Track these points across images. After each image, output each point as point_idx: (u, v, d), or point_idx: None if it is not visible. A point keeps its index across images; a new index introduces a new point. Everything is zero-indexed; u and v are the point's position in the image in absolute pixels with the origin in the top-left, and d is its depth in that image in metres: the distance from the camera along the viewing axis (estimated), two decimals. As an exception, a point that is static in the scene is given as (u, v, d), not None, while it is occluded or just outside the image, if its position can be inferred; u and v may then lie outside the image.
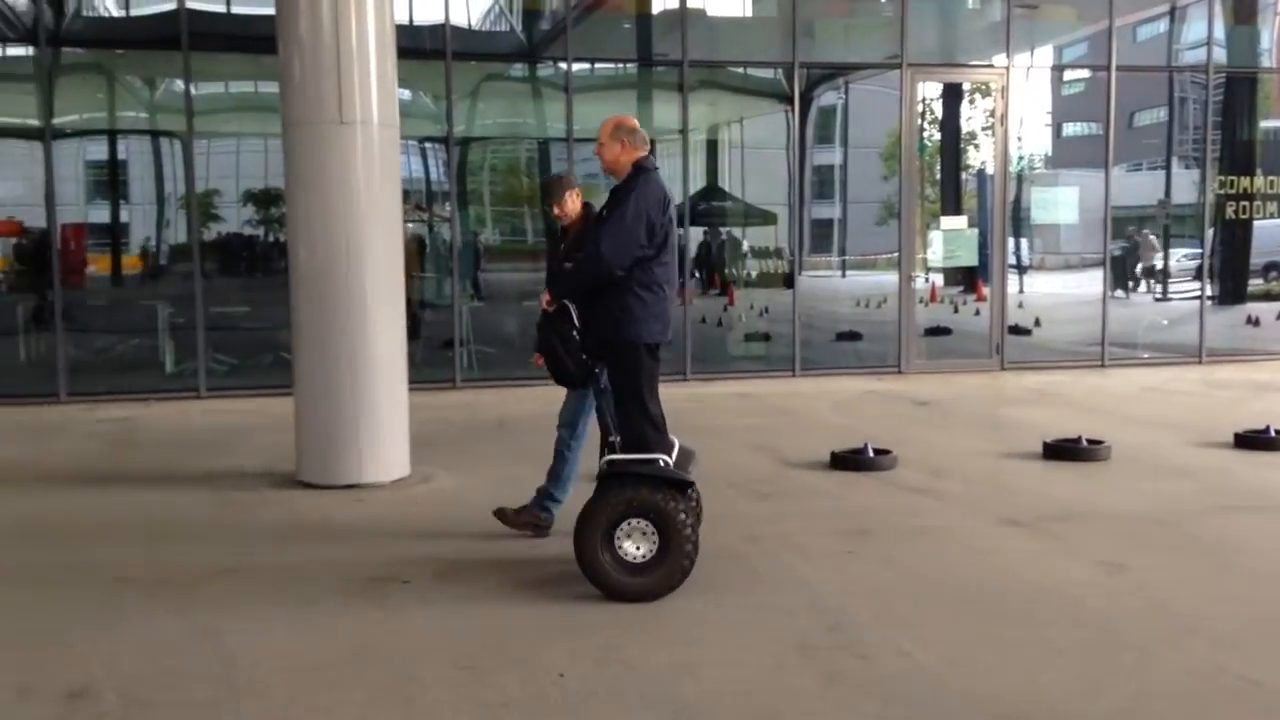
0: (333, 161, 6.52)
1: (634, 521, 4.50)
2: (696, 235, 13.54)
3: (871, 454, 7.05)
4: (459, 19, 11.18)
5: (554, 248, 5.93)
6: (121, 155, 13.54)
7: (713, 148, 14.30)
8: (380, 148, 6.64)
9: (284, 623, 4.30)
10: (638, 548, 4.51)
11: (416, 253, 11.73)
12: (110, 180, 13.42)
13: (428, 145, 12.22)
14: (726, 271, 14.06)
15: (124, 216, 13.87)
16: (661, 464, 4.59)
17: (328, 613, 4.42)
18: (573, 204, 5.51)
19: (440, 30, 10.66)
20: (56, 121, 10.24)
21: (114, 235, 13.47)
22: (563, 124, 11.04)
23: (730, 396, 10.24)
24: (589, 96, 11.69)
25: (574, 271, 4.80)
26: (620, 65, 12.82)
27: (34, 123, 10.22)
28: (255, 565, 5.08)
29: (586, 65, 11.90)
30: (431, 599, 4.59)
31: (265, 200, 13.21)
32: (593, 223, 5.05)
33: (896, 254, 11.90)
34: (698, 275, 13.52)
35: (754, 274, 13.78)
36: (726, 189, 14.30)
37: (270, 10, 6.68)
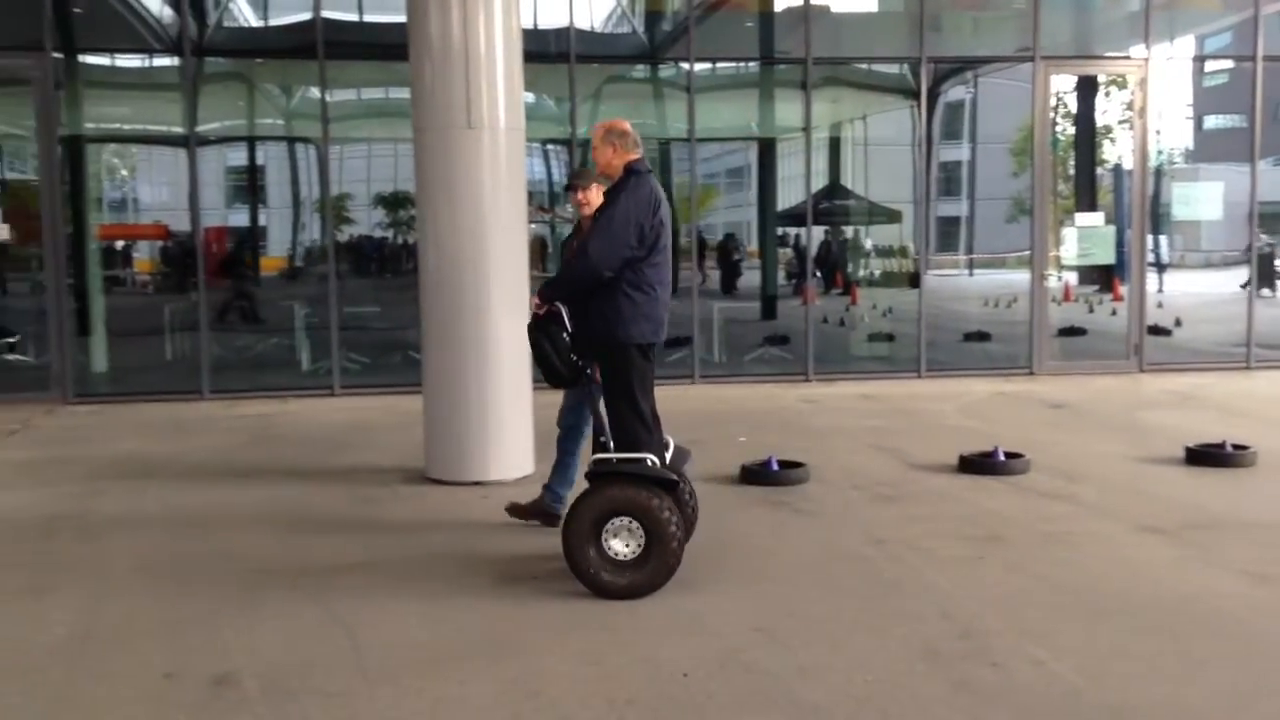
0: (460, 165, 6.65)
1: (621, 520, 4.52)
2: (818, 235, 13.40)
3: (1002, 457, 6.87)
4: (582, 22, 11.30)
5: (572, 240, 5.91)
6: (260, 161, 14.10)
7: (835, 145, 14.14)
8: (506, 151, 6.76)
9: (416, 615, 4.41)
10: (625, 545, 4.54)
11: (539, 253, 11.90)
12: (249, 185, 13.98)
13: (552, 147, 12.38)
14: (849, 271, 13.89)
15: (262, 220, 14.44)
16: (649, 463, 4.60)
17: (457, 606, 4.52)
18: (597, 196, 5.42)
19: (564, 34, 10.78)
20: (200, 129, 10.67)
21: (253, 238, 14.02)
22: (684, 124, 11.05)
23: (852, 397, 10.10)
24: (711, 96, 11.68)
25: (564, 273, 4.86)
26: (742, 64, 12.77)
27: (179, 130, 10.71)
28: (388, 559, 5.22)
29: (708, 65, 11.88)
30: (558, 595, 4.64)
31: (395, 203, 13.58)
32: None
33: (1028, 252, 11.57)
34: (819, 275, 13.38)
35: (878, 273, 13.58)
36: (849, 187, 14.13)
37: (402, 18, 6.85)
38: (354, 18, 11.31)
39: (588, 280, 4.66)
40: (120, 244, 13.75)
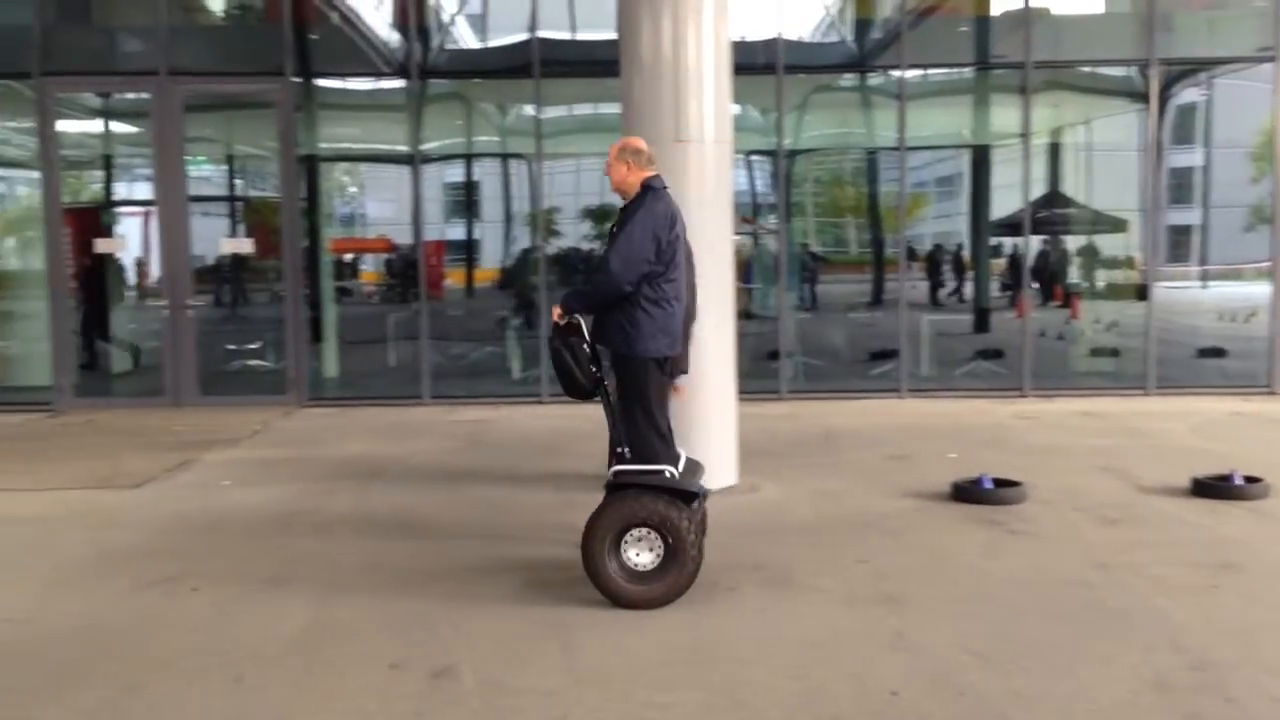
0: (667, 178, 6.71)
1: (640, 531, 4.55)
2: (1036, 245, 12.87)
3: (1240, 481, 6.41)
4: (791, 32, 11.26)
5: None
6: (476, 177, 14.68)
7: (1055, 151, 13.56)
8: (714, 163, 6.80)
9: (623, 620, 4.48)
10: (645, 556, 4.57)
11: (743, 264, 11.91)
12: (466, 200, 14.57)
13: (758, 158, 12.38)
14: (1069, 282, 13.28)
15: (476, 233, 15.01)
16: (668, 475, 4.64)
17: (663, 613, 4.56)
18: None
19: (772, 44, 10.77)
20: (423, 147, 11.21)
21: (468, 250, 14.61)
22: (894, 132, 10.85)
23: (1073, 414, 9.64)
24: (923, 103, 11.41)
25: (586, 287, 4.93)
26: (956, 70, 12.43)
27: (403, 149, 11.29)
28: (594, 563, 5.32)
29: (920, 71, 11.63)
30: (762, 607, 4.64)
31: (602, 216, 13.85)
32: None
33: (1268, 263, 10.77)
34: (1035, 286, 12.85)
35: (1101, 284, 12.92)
36: (1071, 195, 13.51)
37: (612, 34, 7.00)
38: (567, 36, 11.63)
39: (609, 294, 4.76)
40: (349, 256, 14.60)
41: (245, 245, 12.02)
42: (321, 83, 11.73)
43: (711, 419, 6.82)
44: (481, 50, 12.32)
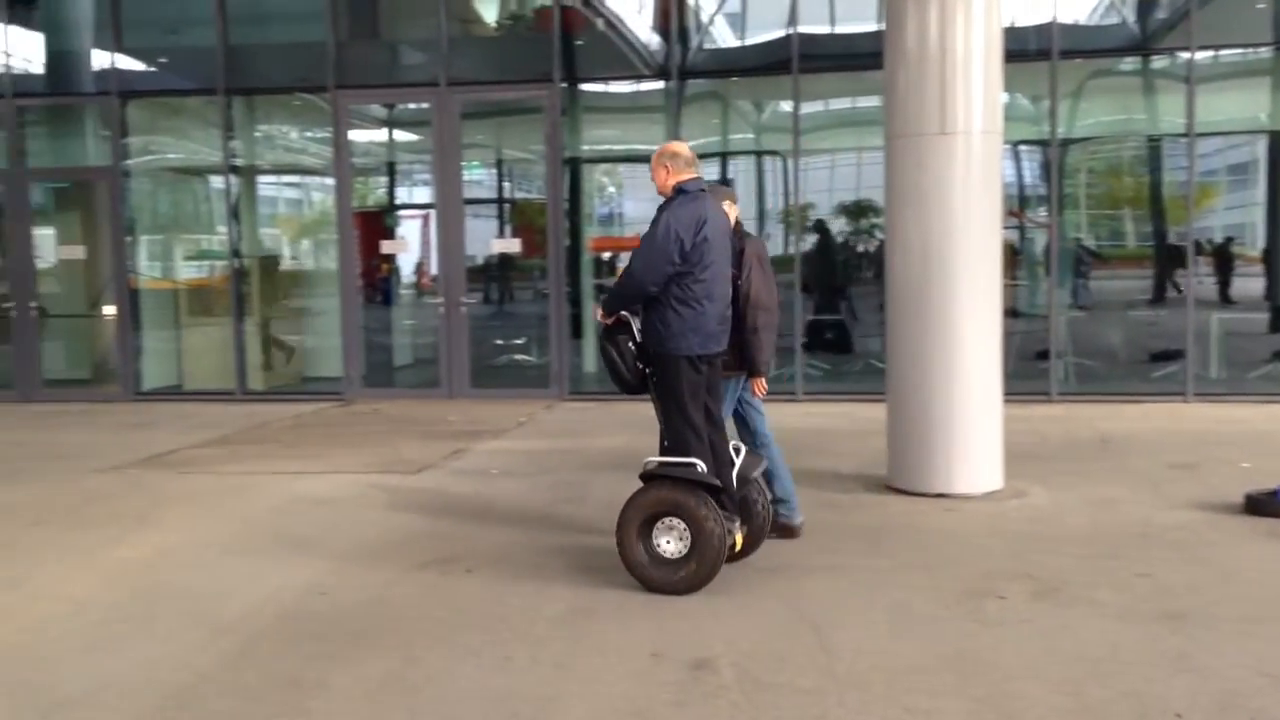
0: (932, 172, 6.55)
1: (670, 520, 4.76)
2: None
3: None
4: (1066, 15, 10.69)
5: None
6: (730, 174, 14.74)
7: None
8: (981, 155, 6.55)
9: (882, 623, 4.40)
10: (672, 545, 4.77)
11: (1012, 259, 11.41)
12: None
13: (1028, 148, 11.82)
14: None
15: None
16: (698, 469, 4.78)
17: (923, 618, 4.45)
18: (728, 215, 5.40)
19: (1046, 29, 10.27)
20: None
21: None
22: (1180, 118, 10.10)
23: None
24: (1213, 86, 10.58)
25: (615, 287, 5.03)
26: (1252, 50, 11.44)
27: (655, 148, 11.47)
28: (853, 565, 5.25)
29: (1210, 53, 10.78)
30: (1030, 618, 4.44)
31: (857, 212, 13.62)
32: (735, 237, 5.37)
33: None
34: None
35: None
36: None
37: (873, 26, 6.87)
38: (826, 30, 11.51)
39: (634, 294, 4.91)
40: (607, 255, 15.01)
41: (513, 245, 12.58)
42: (585, 87, 12.13)
43: (975, 420, 6.60)
44: (739, 48, 12.37)
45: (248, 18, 11.93)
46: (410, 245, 13.36)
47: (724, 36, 12.45)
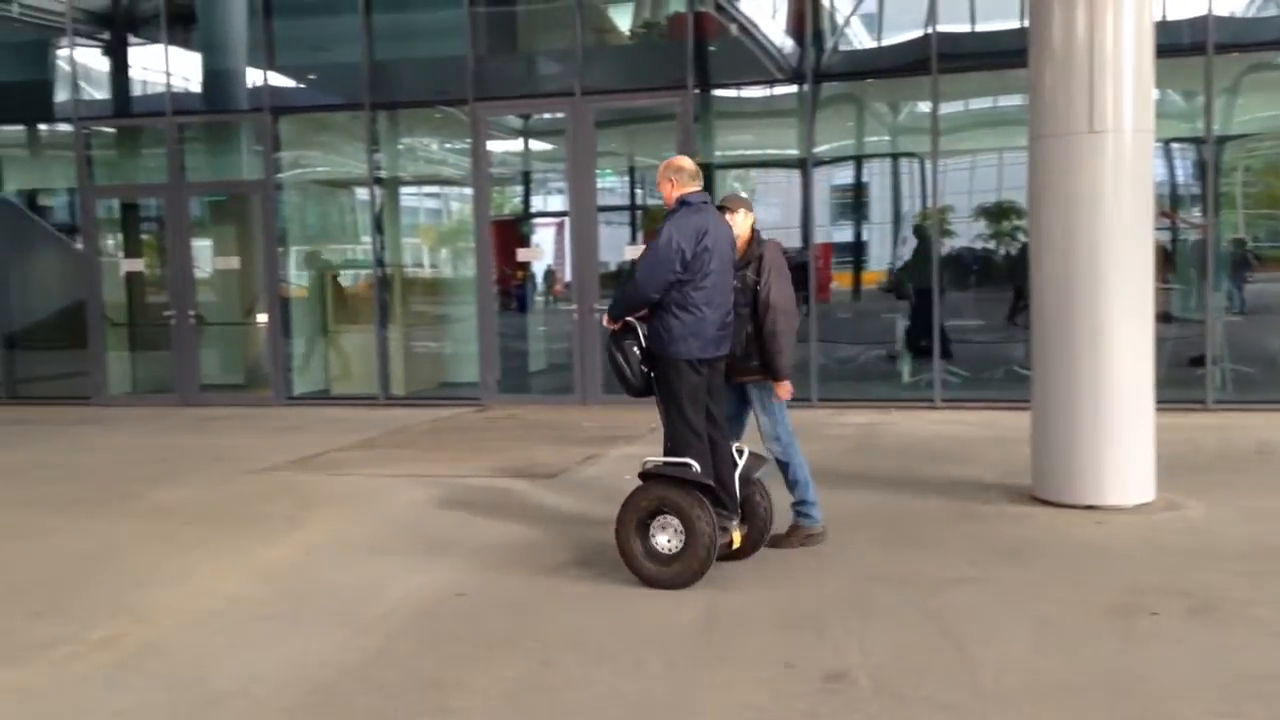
0: (1079, 172, 6.32)
1: (664, 517, 4.97)
2: None
3: None
4: (1222, 7, 10.21)
5: None
6: (865, 178, 14.53)
7: None
8: (1132, 154, 6.29)
9: (1026, 638, 4.26)
10: (669, 541, 4.98)
11: (1164, 262, 10.94)
12: (854, 202, 14.45)
13: (1182, 147, 11.32)
14: None
15: (864, 235, 14.85)
16: (694, 469, 4.98)
17: (1070, 634, 4.29)
18: (744, 222, 5.60)
19: (1200, 22, 9.82)
20: (815, 150, 11.26)
21: (856, 253, 14.47)
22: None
23: None
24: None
25: (620, 294, 5.31)
26: None
27: (794, 153, 11.40)
28: (995, 577, 5.10)
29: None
30: (1184, 636, 4.23)
31: (997, 214, 13.25)
32: (751, 244, 5.57)
33: None
34: None
35: None
36: None
37: (1016, 23, 6.67)
38: (966, 28, 11.24)
39: (637, 301, 5.13)
40: (738, 260, 14.95)
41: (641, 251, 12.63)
42: (718, 93, 12.11)
43: (1125, 428, 6.33)
44: (876, 49, 12.18)
45: (392, 34, 12.30)
46: (544, 253, 13.56)
47: (860, 38, 12.27)
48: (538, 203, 14.55)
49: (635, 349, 5.18)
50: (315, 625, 4.68)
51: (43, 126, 14.08)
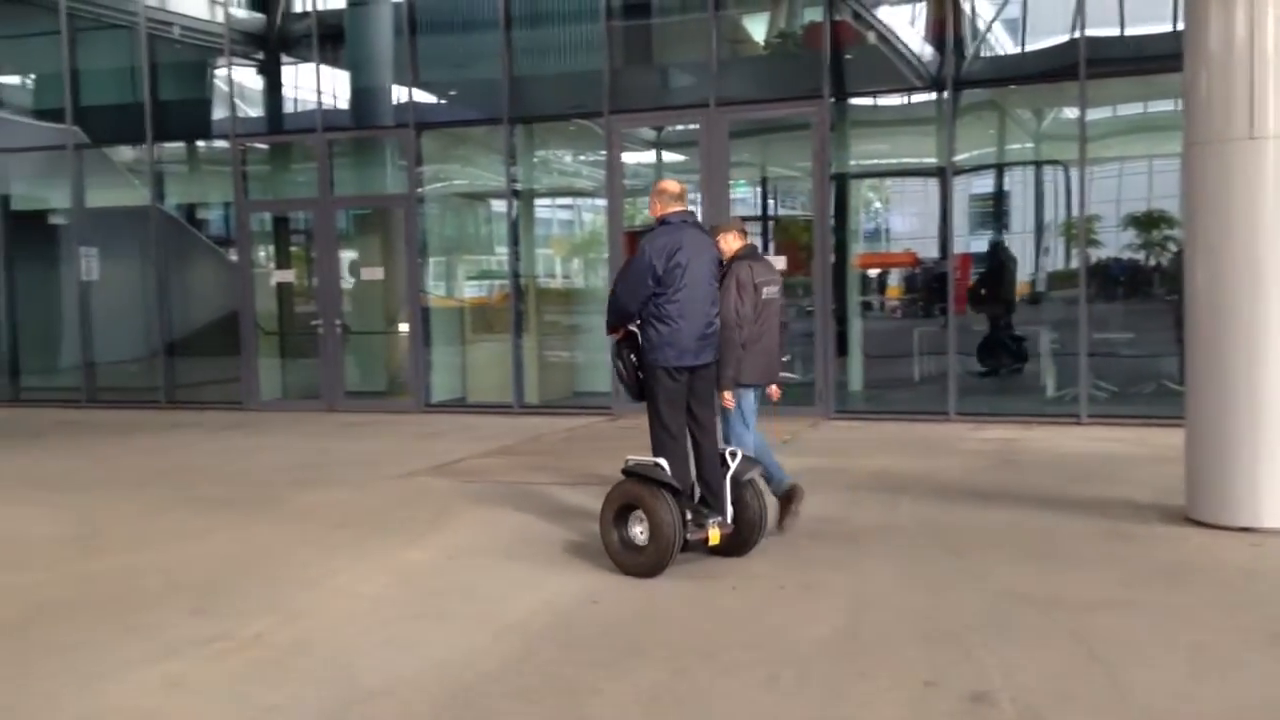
0: (1237, 180, 6.04)
1: (636, 511, 5.38)
2: None
3: None
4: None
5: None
6: (1005, 186, 14.17)
7: None
8: (1294, 161, 5.99)
9: (1180, 665, 4.09)
10: (641, 532, 5.38)
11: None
12: (994, 211, 14.11)
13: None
14: None
15: (1005, 245, 14.48)
16: (662, 470, 5.38)
17: (1226, 662, 4.10)
18: (726, 244, 6.12)
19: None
20: (955, 159, 11.03)
21: (995, 264, 14.10)
22: None
23: None
24: None
25: (607, 308, 5.68)
26: None
27: (932, 161, 11.19)
28: (1146, 600, 4.91)
29: None
30: (1357, 671, 4.00)
31: (1148, 223, 12.77)
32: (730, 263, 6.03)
33: None
34: None
35: None
36: None
37: (1169, 26, 6.42)
38: (1115, 32, 10.87)
39: (618, 314, 5.60)
40: (873, 271, 14.74)
41: (779, 263, 12.54)
42: (855, 101, 11.98)
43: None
44: (1019, 55, 11.88)
45: (530, 50, 12.56)
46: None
47: (1002, 44, 11.99)
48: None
49: (632, 356, 5.65)
50: (457, 627, 4.80)
51: (201, 143, 14.80)
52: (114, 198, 14.51)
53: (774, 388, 6.47)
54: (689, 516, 5.45)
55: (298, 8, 13.93)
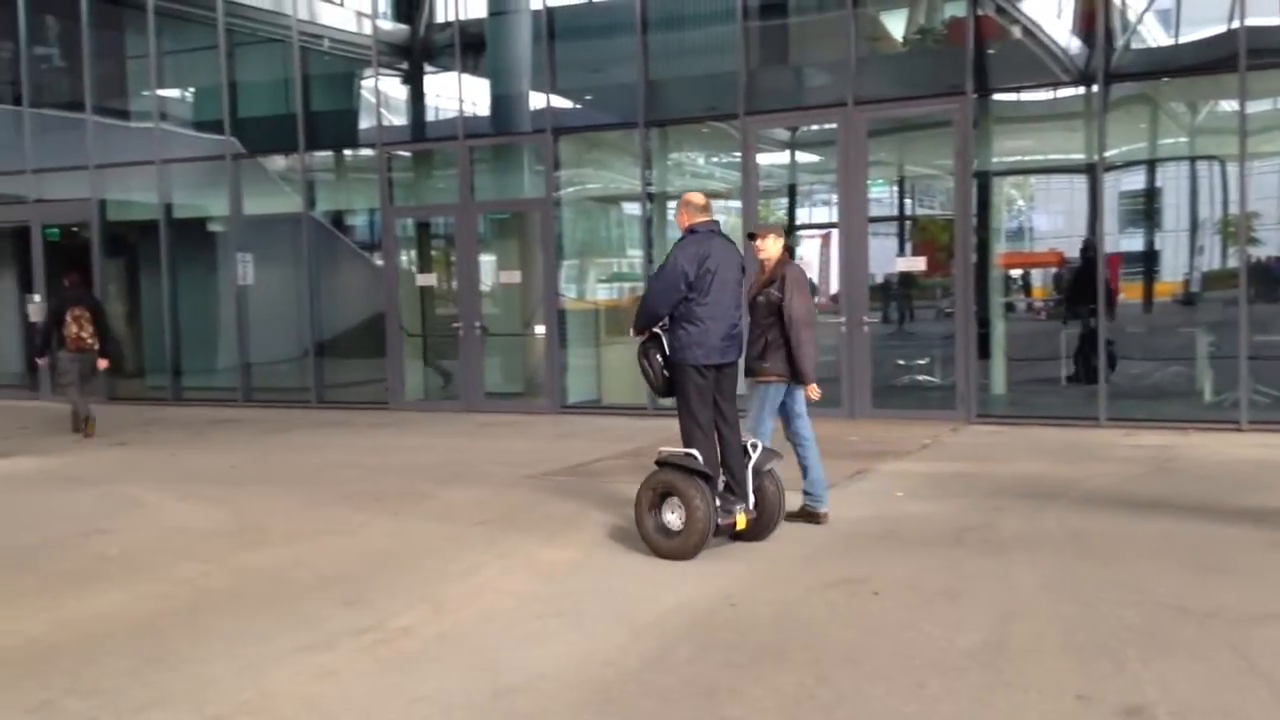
0: None
1: (671, 498, 5.75)
2: None
3: None
4: None
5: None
6: (1158, 183, 13.61)
7: None
8: None
9: (1356, 687, 3.86)
10: (675, 518, 5.76)
11: None
12: (1145, 208, 13.57)
13: None
14: None
15: (1157, 244, 13.92)
16: (696, 459, 5.76)
17: None
18: (773, 245, 6.53)
19: None
20: (1105, 155, 10.64)
21: (1147, 262, 13.57)
22: None
23: None
24: None
25: (637, 310, 6.07)
26: None
27: (1079, 158, 10.80)
28: (1315, 617, 4.65)
29: None
30: None
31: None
32: (782, 265, 6.46)
33: None
34: None
35: None
36: None
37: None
38: (1278, 22, 10.32)
39: (649, 317, 5.98)
40: (1017, 271, 14.32)
41: (918, 263, 12.33)
42: (998, 97, 11.68)
43: None
44: (1173, 47, 11.39)
45: (665, 53, 12.60)
46: (810, 265, 13.46)
47: (1155, 35, 11.51)
48: (802, 214, 14.49)
49: (658, 356, 6.00)
50: (596, 626, 4.85)
51: (348, 152, 15.34)
52: (268, 205, 15.14)
53: (813, 386, 6.65)
54: (719, 504, 5.84)
55: (440, 18, 14.29)
